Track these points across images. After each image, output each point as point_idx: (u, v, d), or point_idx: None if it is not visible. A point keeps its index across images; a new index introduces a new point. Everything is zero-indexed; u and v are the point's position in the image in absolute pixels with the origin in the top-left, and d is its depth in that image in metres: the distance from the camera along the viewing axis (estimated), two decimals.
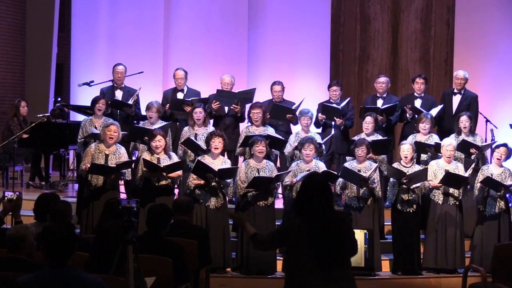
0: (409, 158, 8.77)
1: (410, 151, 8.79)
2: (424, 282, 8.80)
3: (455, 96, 10.35)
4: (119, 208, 4.84)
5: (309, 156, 8.74)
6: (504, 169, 8.80)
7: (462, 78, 10.32)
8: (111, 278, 4.82)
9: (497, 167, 8.78)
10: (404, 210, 8.72)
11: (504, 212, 8.75)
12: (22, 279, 4.28)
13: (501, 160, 8.76)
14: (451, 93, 10.40)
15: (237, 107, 9.88)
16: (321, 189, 4.76)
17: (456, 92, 10.35)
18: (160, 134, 8.71)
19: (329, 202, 4.76)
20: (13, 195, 6.13)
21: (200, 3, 12.59)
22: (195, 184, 8.57)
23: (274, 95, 10.13)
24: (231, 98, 9.90)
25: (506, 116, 11.73)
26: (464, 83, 10.34)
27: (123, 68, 10.40)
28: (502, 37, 12.52)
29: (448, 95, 10.45)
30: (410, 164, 8.80)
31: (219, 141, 8.63)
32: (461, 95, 10.33)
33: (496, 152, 8.76)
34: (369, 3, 13.49)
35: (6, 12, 14.27)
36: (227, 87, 10.13)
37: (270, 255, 8.64)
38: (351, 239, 4.85)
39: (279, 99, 10.12)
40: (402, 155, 8.79)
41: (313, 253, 4.62)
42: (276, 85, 10.16)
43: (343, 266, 4.71)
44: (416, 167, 8.83)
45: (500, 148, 8.77)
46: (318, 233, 4.63)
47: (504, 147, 8.79)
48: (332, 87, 10.25)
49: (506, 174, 8.75)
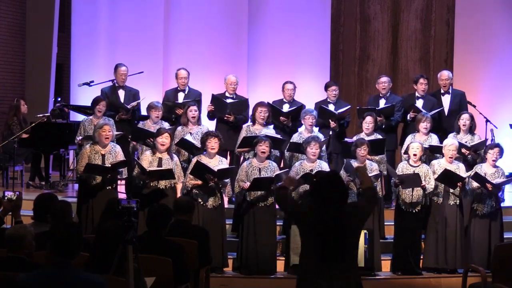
0: (418, 156, 8.77)
1: (420, 150, 8.79)
2: (424, 282, 8.79)
3: (443, 96, 10.39)
4: (119, 208, 4.84)
5: (315, 155, 8.72)
6: (498, 169, 8.83)
7: (447, 78, 10.40)
8: (111, 278, 4.82)
9: (490, 167, 8.80)
10: (407, 210, 8.72)
11: (495, 211, 8.77)
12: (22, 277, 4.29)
13: (495, 161, 8.79)
14: (439, 94, 10.43)
15: (231, 117, 9.87)
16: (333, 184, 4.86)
17: (444, 92, 10.39)
18: (168, 133, 8.73)
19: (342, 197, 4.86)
20: (13, 195, 6.13)
21: (200, 3, 12.59)
22: (192, 185, 8.56)
23: (286, 93, 10.12)
24: (224, 108, 9.88)
25: (506, 116, 11.73)
26: (450, 83, 10.40)
27: (126, 69, 10.39)
28: (502, 37, 12.53)
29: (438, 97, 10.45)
30: (418, 163, 8.80)
31: (215, 141, 8.61)
32: (449, 94, 10.37)
33: (490, 154, 8.78)
34: (369, 3, 13.50)
35: (6, 12, 14.26)
36: (233, 87, 10.13)
37: (270, 255, 8.64)
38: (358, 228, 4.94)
39: (290, 98, 10.12)
40: (411, 153, 8.79)
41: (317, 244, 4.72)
42: (287, 84, 10.17)
43: (346, 260, 4.77)
44: (424, 167, 8.82)
45: (494, 149, 8.80)
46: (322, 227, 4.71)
47: (497, 147, 8.84)
48: (330, 87, 10.23)
49: (499, 174, 8.79)
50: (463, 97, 10.44)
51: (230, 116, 9.86)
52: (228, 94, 10.15)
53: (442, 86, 10.42)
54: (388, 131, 10.00)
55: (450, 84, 10.43)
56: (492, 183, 8.63)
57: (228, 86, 10.15)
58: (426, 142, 9.38)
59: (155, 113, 9.52)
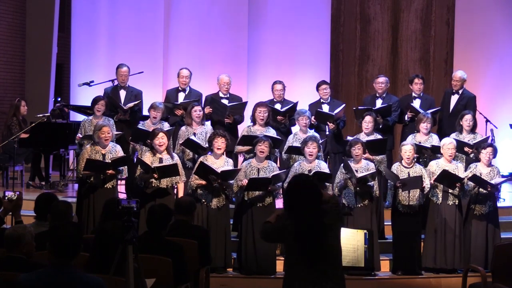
0: (410, 158, 8.77)
1: (412, 152, 8.79)
2: (424, 282, 8.80)
3: (453, 96, 10.38)
4: (119, 208, 4.84)
5: (312, 155, 8.72)
6: (492, 167, 8.84)
7: (459, 79, 10.35)
8: (111, 278, 4.82)
9: (485, 166, 8.81)
10: (404, 211, 8.72)
11: (492, 210, 8.78)
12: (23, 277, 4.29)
13: (489, 160, 8.80)
14: (450, 93, 10.43)
15: (230, 119, 9.87)
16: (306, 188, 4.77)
17: (454, 92, 10.38)
18: (163, 132, 8.71)
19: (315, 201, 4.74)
20: (13, 195, 6.13)
21: (200, 4, 12.59)
22: (197, 184, 8.56)
23: (275, 94, 10.12)
24: (223, 110, 9.88)
25: (506, 116, 11.75)
26: (461, 83, 10.35)
27: (127, 69, 10.38)
28: (502, 37, 12.54)
29: (448, 95, 10.47)
30: (411, 164, 8.80)
31: (222, 141, 8.61)
32: (458, 95, 10.35)
33: (483, 153, 8.80)
34: (369, 3, 13.50)
35: (6, 12, 14.27)
36: (226, 87, 10.12)
37: (270, 255, 8.65)
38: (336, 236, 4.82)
39: (280, 99, 10.12)
40: (404, 155, 8.79)
41: (301, 252, 4.67)
42: (277, 84, 10.16)
43: (331, 265, 4.73)
44: (417, 167, 8.83)
45: (487, 149, 8.82)
46: (303, 232, 4.66)
47: (490, 147, 8.86)
48: (321, 86, 10.20)
49: (494, 172, 8.81)
50: (471, 100, 10.36)
51: (229, 118, 9.87)
52: (222, 94, 10.14)
53: (453, 85, 10.41)
54: (385, 131, 10.01)
55: (462, 85, 10.37)
56: (490, 183, 8.63)
57: (222, 87, 10.14)
58: (427, 142, 9.39)
59: (154, 113, 9.51)
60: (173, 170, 8.56)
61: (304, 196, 4.72)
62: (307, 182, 4.85)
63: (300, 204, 4.72)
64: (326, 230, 4.70)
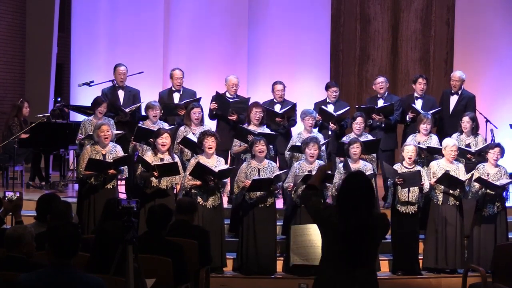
0: (412, 159, 8.77)
1: (414, 153, 8.78)
2: (424, 282, 8.79)
3: (452, 96, 10.36)
4: (119, 208, 4.84)
5: (313, 156, 8.71)
6: (500, 168, 8.83)
7: (458, 79, 10.32)
8: (111, 278, 4.82)
9: (492, 167, 8.80)
10: (403, 211, 8.71)
11: (501, 211, 8.77)
12: (23, 277, 4.29)
13: (496, 161, 8.79)
14: (449, 93, 10.41)
15: (234, 116, 9.87)
16: (363, 188, 4.60)
17: (453, 93, 10.36)
18: (167, 133, 8.72)
19: (370, 203, 4.61)
20: (13, 195, 6.13)
21: (200, 3, 12.59)
22: (190, 185, 8.55)
23: (276, 94, 10.11)
24: (226, 107, 9.88)
25: (506, 116, 11.74)
26: (460, 84, 10.33)
27: (125, 68, 10.39)
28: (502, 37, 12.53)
29: (446, 95, 10.45)
30: (412, 165, 8.80)
31: (212, 140, 8.58)
32: (458, 95, 10.34)
33: (491, 153, 8.78)
34: (369, 3, 13.51)
35: (6, 12, 14.26)
36: (234, 88, 10.11)
37: (270, 255, 8.64)
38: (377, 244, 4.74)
39: (281, 99, 10.11)
40: (406, 156, 8.78)
41: (342, 252, 4.54)
42: (277, 85, 10.15)
43: (368, 269, 4.68)
44: (418, 168, 8.82)
45: (495, 149, 8.80)
46: (351, 233, 4.53)
47: (498, 147, 8.84)
48: (331, 87, 10.21)
49: (501, 173, 8.80)
50: (471, 100, 10.33)
51: (233, 115, 9.86)
52: (229, 95, 10.13)
53: (452, 86, 10.39)
54: (387, 130, 10.01)
55: (461, 85, 10.35)
56: (496, 185, 8.61)
57: (230, 88, 10.14)
58: (426, 143, 9.39)
59: (153, 113, 9.51)
60: (173, 169, 8.56)
61: (359, 196, 4.56)
62: (366, 181, 4.66)
63: (354, 202, 4.54)
64: (371, 236, 4.60)
